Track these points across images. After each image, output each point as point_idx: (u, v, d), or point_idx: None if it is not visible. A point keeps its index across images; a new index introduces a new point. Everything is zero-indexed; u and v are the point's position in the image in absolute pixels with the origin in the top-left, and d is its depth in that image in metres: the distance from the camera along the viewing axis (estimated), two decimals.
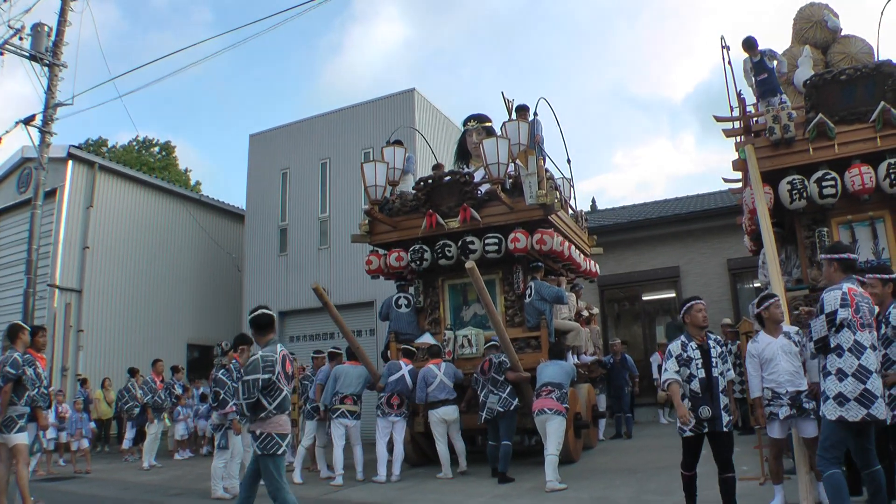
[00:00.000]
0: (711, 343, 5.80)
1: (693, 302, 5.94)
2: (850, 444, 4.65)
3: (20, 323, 7.95)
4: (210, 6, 60.90)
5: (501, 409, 8.88)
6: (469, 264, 8.55)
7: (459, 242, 10.50)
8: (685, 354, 5.66)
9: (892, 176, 7.73)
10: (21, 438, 7.25)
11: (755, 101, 9.52)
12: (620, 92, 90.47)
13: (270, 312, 5.84)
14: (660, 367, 14.76)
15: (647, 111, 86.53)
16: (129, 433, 13.78)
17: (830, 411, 4.53)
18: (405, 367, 9.79)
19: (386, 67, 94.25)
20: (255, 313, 5.76)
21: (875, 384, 4.50)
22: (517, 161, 10.36)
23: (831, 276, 4.98)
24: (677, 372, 5.66)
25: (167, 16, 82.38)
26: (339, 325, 9.75)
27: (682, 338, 5.77)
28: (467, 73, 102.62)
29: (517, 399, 9.03)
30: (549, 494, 7.77)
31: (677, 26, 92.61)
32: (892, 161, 7.78)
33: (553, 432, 8.24)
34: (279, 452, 5.44)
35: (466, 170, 11.48)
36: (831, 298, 4.69)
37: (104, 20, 73.66)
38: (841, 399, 4.49)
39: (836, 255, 4.98)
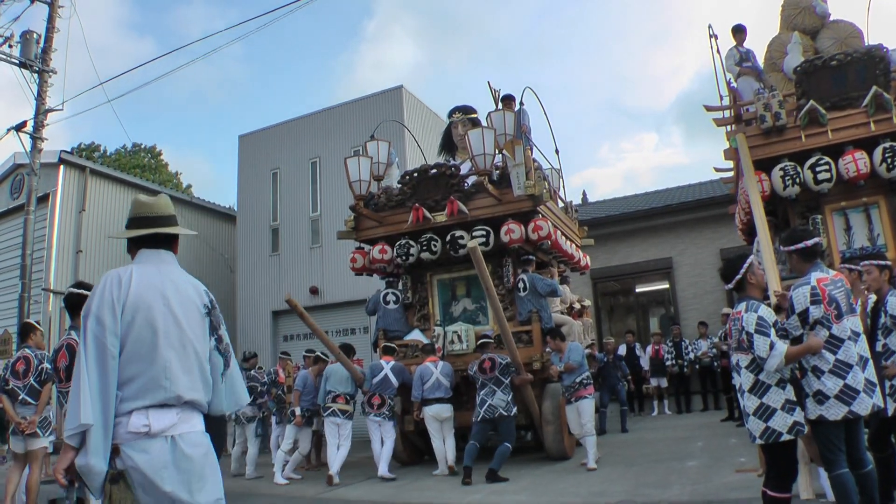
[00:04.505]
0: None
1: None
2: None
3: (32, 322, 7.81)
4: (241, 39, 63.10)
5: (505, 413, 8.76)
6: (472, 244, 8.40)
7: (448, 237, 10.29)
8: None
9: (889, 160, 7.66)
10: (46, 441, 7.14)
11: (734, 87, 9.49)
12: (612, 104, 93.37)
13: (77, 292, 5.14)
14: (651, 358, 14.89)
15: (636, 119, 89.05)
16: None
17: (810, 410, 4.31)
18: (387, 366, 9.61)
19: (394, 84, 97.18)
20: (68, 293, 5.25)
21: (857, 378, 4.25)
22: (504, 152, 10.22)
23: (796, 268, 4.70)
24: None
25: (199, 49, 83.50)
26: (316, 332, 9.62)
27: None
28: (471, 90, 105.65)
29: (516, 407, 9.00)
30: (546, 488, 7.72)
31: (665, 43, 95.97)
32: (887, 145, 7.71)
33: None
34: None
35: (453, 162, 11.35)
36: (800, 296, 4.43)
37: (138, 53, 75.38)
38: (820, 397, 4.27)
39: (793, 246, 4.65)
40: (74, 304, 5.18)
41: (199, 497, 2.64)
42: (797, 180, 8.04)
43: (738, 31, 9.74)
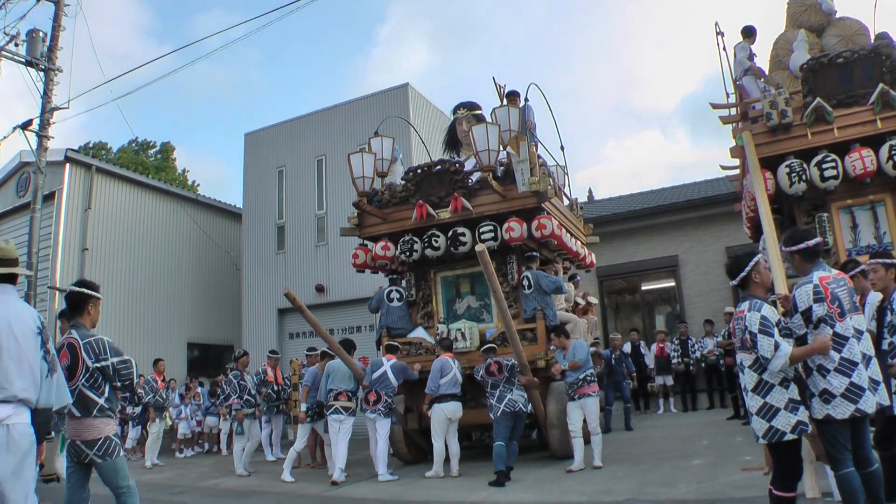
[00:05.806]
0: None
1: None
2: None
3: None
4: (259, 47, 63.28)
5: (523, 408, 8.73)
6: (479, 247, 8.32)
7: (450, 233, 10.20)
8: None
9: (895, 158, 7.63)
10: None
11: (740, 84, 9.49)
12: (619, 106, 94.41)
13: (79, 290, 5.21)
14: (656, 357, 14.89)
15: (642, 121, 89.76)
16: (132, 433, 13.81)
17: (817, 410, 4.29)
18: (387, 363, 9.56)
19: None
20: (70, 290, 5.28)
21: (862, 375, 4.23)
22: (508, 148, 10.14)
23: (799, 268, 4.66)
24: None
25: (217, 53, 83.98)
26: (315, 327, 9.56)
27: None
28: (482, 94, 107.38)
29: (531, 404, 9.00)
30: (551, 487, 7.71)
31: (671, 46, 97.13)
32: (894, 143, 7.67)
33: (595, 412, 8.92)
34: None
35: (457, 159, 11.32)
36: (803, 294, 4.39)
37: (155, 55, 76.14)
38: (826, 396, 4.25)
39: (795, 247, 4.61)
40: (76, 302, 5.24)
41: (18, 482, 3.49)
42: (803, 177, 8.01)
43: (749, 34, 9.73)
